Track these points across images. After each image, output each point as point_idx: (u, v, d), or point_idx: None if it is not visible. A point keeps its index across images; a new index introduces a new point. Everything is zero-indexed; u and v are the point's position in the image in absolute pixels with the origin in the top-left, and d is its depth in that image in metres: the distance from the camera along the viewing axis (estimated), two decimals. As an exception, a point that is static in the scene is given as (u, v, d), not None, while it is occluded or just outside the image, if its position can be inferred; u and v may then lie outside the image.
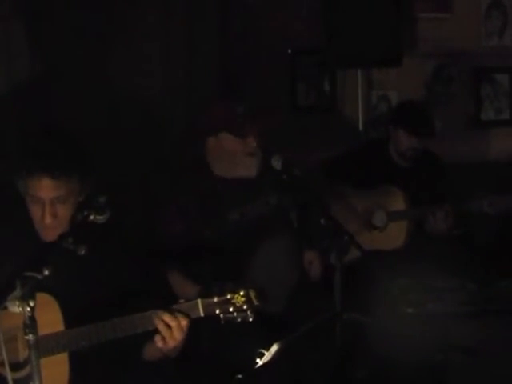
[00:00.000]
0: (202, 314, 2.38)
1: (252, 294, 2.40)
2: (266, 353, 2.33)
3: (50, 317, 2.35)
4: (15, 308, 1.93)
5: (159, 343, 2.37)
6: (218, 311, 2.38)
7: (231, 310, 2.38)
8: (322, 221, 2.69)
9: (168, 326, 2.34)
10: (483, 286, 3.44)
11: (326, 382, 2.85)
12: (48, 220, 2.44)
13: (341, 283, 2.65)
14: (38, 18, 3.81)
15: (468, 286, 3.44)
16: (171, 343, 2.37)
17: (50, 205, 2.45)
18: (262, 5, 4.54)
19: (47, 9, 3.83)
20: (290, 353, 2.50)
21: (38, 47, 3.81)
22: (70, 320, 2.38)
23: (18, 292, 1.93)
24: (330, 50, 4.47)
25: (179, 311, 2.37)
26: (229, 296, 2.39)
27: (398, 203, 3.88)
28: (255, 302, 2.39)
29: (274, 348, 2.32)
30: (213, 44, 4.27)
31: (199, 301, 2.38)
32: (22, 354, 2.36)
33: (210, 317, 2.38)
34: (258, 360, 2.34)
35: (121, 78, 3.98)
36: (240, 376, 2.35)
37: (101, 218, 2.35)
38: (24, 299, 1.92)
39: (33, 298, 1.94)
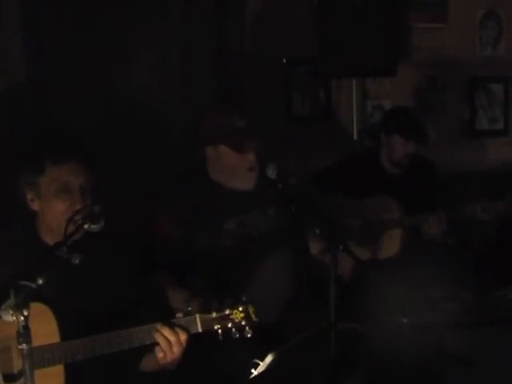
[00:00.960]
0: (200, 330, 2.37)
1: (251, 309, 2.38)
2: (260, 363, 2.31)
3: (46, 328, 2.33)
4: (9, 317, 1.91)
5: (159, 356, 2.35)
6: (216, 327, 2.36)
7: (229, 325, 2.36)
8: (317, 230, 2.68)
9: (167, 341, 2.33)
10: (479, 296, 3.44)
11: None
12: (79, 206, 2.44)
13: (335, 293, 2.64)
14: (34, 17, 3.79)
15: (464, 296, 3.44)
16: (170, 357, 2.35)
17: (80, 191, 2.48)
18: (257, 15, 4.54)
19: (44, 8, 3.81)
20: (284, 363, 2.48)
21: (34, 47, 3.79)
22: (66, 331, 2.36)
23: (11, 301, 1.91)
24: (325, 60, 4.47)
25: (179, 326, 2.35)
26: (227, 312, 2.37)
27: (392, 212, 3.87)
28: (254, 318, 2.38)
29: (269, 358, 2.31)
30: (209, 53, 4.27)
31: (197, 316, 2.37)
32: (17, 364, 2.33)
33: (208, 332, 2.36)
34: (252, 370, 2.32)
35: (118, 80, 3.98)
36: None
37: (95, 227, 2.34)
38: (18, 308, 1.90)
39: (27, 307, 1.92)
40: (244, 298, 2.43)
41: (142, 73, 4.11)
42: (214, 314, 2.36)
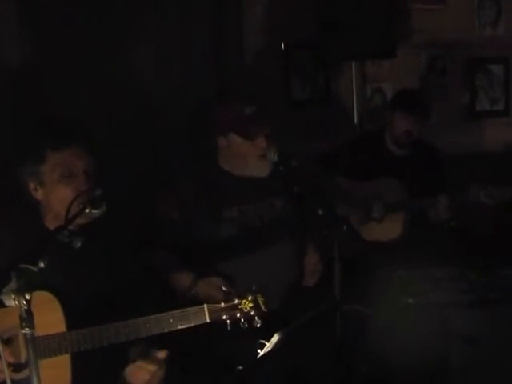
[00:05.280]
0: (208, 320, 2.34)
1: (260, 299, 2.35)
2: (266, 343, 2.29)
3: (52, 316, 2.31)
4: (11, 301, 1.89)
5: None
6: (224, 317, 2.33)
7: (238, 315, 2.33)
8: (320, 211, 2.66)
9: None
10: (483, 275, 3.43)
11: (326, 374, 2.82)
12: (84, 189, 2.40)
13: (340, 274, 2.62)
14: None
15: (468, 275, 3.43)
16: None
17: (83, 174, 2.46)
18: (255, 0, 4.52)
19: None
20: (289, 344, 2.46)
21: (29, 30, 3.73)
22: (72, 319, 2.34)
23: (13, 284, 1.88)
24: (324, 44, 4.44)
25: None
26: (236, 301, 2.35)
27: (396, 194, 3.87)
28: (263, 308, 2.35)
29: (275, 338, 2.29)
30: (207, 40, 4.24)
31: (205, 306, 2.34)
32: (24, 354, 2.30)
33: (217, 322, 2.34)
34: (259, 350, 2.31)
35: (116, 63, 3.95)
36: (240, 367, 2.32)
37: (96, 212, 2.32)
38: (19, 292, 1.87)
39: (28, 290, 1.89)
40: (253, 288, 2.39)
41: (141, 59, 4.07)
42: (223, 304, 2.33)
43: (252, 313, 2.34)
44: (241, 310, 2.33)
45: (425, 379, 3.17)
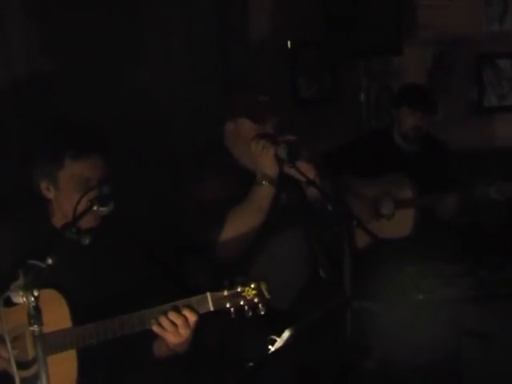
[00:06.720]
0: (211, 308, 2.33)
1: (263, 286, 2.33)
2: (277, 339, 2.28)
3: (57, 313, 2.30)
4: (19, 298, 1.87)
5: (165, 339, 2.32)
6: (228, 305, 2.31)
7: (242, 303, 2.31)
8: (330, 207, 2.64)
9: (174, 324, 2.29)
10: (493, 270, 3.41)
11: (335, 370, 2.80)
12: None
13: (351, 270, 2.60)
14: (36, 6, 3.73)
15: (478, 271, 3.42)
16: (177, 339, 2.32)
17: (99, 182, 2.41)
18: (260, -1, 4.52)
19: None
20: (299, 341, 2.44)
21: (36, 38, 3.74)
22: (78, 316, 2.33)
23: (20, 281, 1.87)
24: (330, 41, 4.43)
25: (188, 307, 2.31)
26: (239, 289, 2.32)
27: (405, 191, 3.85)
28: (266, 295, 2.32)
29: (286, 334, 2.27)
30: (212, 40, 4.24)
31: (208, 294, 2.32)
32: (31, 351, 2.31)
33: (220, 311, 2.32)
34: (270, 347, 2.29)
35: (122, 69, 3.95)
36: (251, 364, 2.30)
37: (104, 210, 2.31)
38: (27, 288, 1.86)
39: (36, 287, 1.88)
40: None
41: (146, 63, 4.07)
42: (226, 292, 2.31)
43: (256, 300, 2.32)
44: (244, 298, 2.32)
45: (436, 375, 3.16)
